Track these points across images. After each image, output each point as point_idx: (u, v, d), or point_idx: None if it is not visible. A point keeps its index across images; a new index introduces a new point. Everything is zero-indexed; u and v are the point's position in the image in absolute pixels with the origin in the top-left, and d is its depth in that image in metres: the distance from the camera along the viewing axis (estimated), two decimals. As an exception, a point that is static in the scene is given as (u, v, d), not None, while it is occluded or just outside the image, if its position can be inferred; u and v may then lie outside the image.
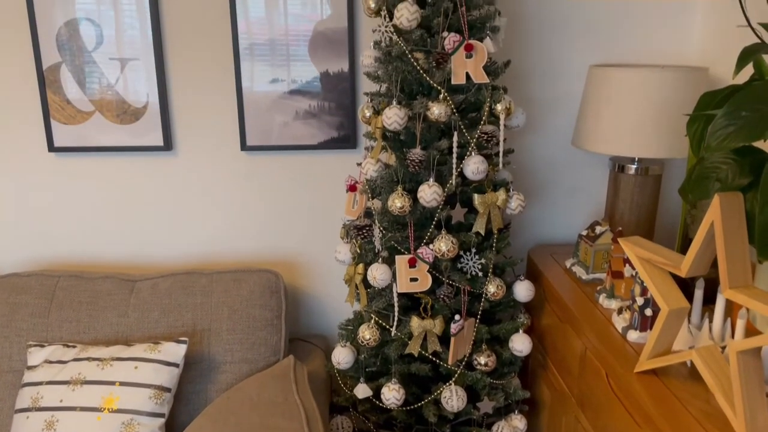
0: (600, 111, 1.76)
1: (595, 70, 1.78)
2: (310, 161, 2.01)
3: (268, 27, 1.88)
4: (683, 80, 1.66)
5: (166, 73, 1.90)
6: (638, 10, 1.92)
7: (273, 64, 1.91)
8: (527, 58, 1.95)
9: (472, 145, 1.58)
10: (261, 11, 1.86)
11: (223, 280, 1.83)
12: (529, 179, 2.06)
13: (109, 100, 1.89)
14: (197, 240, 2.05)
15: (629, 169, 1.80)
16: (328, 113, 1.96)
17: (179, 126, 1.95)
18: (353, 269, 1.71)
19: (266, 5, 1.86)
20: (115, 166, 1.97)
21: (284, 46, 1.90)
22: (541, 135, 2.02)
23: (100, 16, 1.83)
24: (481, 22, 1.56)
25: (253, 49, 1.89)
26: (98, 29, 1.84)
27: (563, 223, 2.11)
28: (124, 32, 1.84)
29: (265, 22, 1.87)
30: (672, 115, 1.67)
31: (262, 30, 1.88)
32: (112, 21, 1.83)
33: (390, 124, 1.55)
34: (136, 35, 1.85)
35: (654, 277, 1.25)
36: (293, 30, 1.89)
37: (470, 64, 1.53)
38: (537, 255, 1.97)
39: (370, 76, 1.69)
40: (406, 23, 1.50)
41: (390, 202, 1.58)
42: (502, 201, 1.63)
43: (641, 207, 1.83)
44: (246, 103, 1.93)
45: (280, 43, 1.89)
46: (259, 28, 1.88)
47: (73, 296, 1.80)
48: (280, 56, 1.90)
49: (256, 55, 1.90)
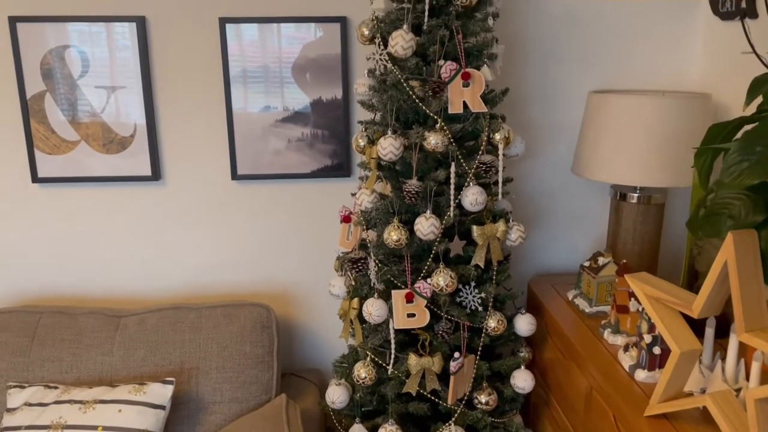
0: (600, 138, 1.71)
1: (595, 97, 1.74)
2: (303, 190, 1.96)
3: (260, 53, 1.83)
4: (686, 108, 1.62)
5: (154, 100, 1.85)
6: (637, 36, 1.89)
7: (265, 91, 1.86)
8: (525, 83, 1.91)
9: (471, 175, 1.53)
10: (252, 37, 1.82)
11: (212, 315, 1.76)
12: (528, 207, 2.01)
13: (95, 129, 1.84)
14: (186, 272, 1.98)
15: (631, 197, 1.75)
16: (321, 141, 1.91)
17: (167, 155, 1.89)
18: (348, 304, 1.65)
19: (257, 31, 1.81)
20: (101, 196, 1.91)
21: (276, 72, 1.85)
22: (540, 162, 1.97)
23: (86, 43, 1.78)
24: (478, 50, 1.51)
25: (245, 75, 1.84)
26: (84, 56, 1.79)
27: (563, 251, 2.05)
28: (111, 59, 1.79)
29: (257, 49, 1.83)
30: (675, 143, 1.63)
31: (253, 56, 1.83)
32: (99, 48, 1.78)
33: (385, 154, 1.50)
34: (123, 62, 1.80)
35: (663, 316, 1.19)
36: (285, 56, 1.84)
37: (467, 92, 1.48)
38: (537, 286, 1.91)
39: (365, 105, 1.64)
40: (401, 51, 1.45)
41: (386, 235, 1.52)
42: (501, 232, 1.57)
43: (644, 236, 1.78)
44: (237, 130, 1.88)
45: (272, 70, 1.84)
46: (250, 54, 1.83)
47: (55, 334, 1.72)
48: (272, 83, 1.85)
49: (248, 82, 1.85)
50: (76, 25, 1.76)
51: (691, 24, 1.87)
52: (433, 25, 1.47)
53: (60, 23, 1.76)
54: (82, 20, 1.76)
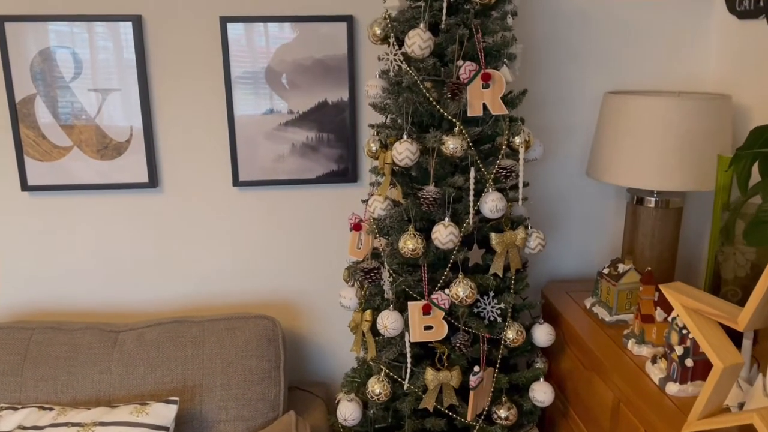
0: (617, 141, 1.66)
1: (611, 98, 1.68)
2: (308, 196, 1.88)
3: (262, 54, 1.75)
4: (706, 109, 1.57)
5: (151, 104, 1.76)
6: (651, 36, 1.84)
7: (268, 94, 1.78)
8: (539, 84, 1.85)
9: (490, 181, 1.46)
10: (254, 37, 1.74)
11: (215, 328, 1.67)
12: (541, 211, 1.95)
13: (88, 134, 1.74)
14: (186, 283, 1.89)
15: (648, 201, 1.70)
16: (327, 145, 1.83)
17: (165, 161, 1.80)
18: (360, 316, 1.57)
19: (259, 31, 1.73)
20: (96, 205, 1.81)
21: (280, 74, 1.77)
22: (554, 164, 1.92)
23: (78, 44, 1.68)
24: (497, 50, 1.45)
25: (246, 77, 1.76)
26: (76, 58, 1.69)
27: (577, 256, 2.00)
28: (104, 61, 1.70)
29: (259, 49, 1.74)
30: (695, 145, 1.58)
31: (255, 57, 1.75)
32: (92, 49, 1.69)
33: (401, 159, 1.42)
34: (118, 64, 1.70)
35: (703, 328, 1.14)
36: (289, 57, 1.76)
37: (487, 94, 1.41)
38: (552, 293, 1.85)
39: (377, 108, 1.57)
40: (419, 51, 1.38)
41: (401, 244, 1.45)
42: (521, 240, 1.51)
43: (662, 242, 1.73)
44: (238, 135, 1.79)
45: (276, 71, 1.76)
46: (252, 55, 1.75)
47: (49, 351, 1.63)
48: (275, 85, 1.77)
49: (250, 84, 1.76)
50: (68, 25, 1.67)
51: (706, 23, 1.83)
52: (452, 24, 1.40)
53: (51, 23, 1.66)
54: (75, 19, 1.66)
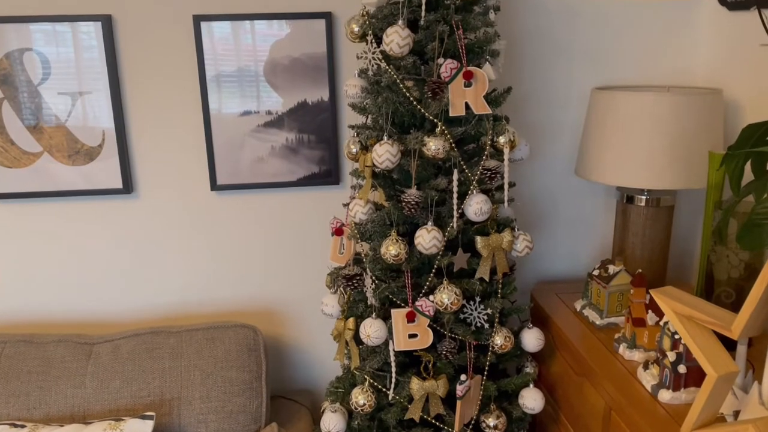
0: (605, 138, 1.61)
1: (598, 94, 1.63)
2: (289, 199, 1.82)
3: (239, 53, 1.69)
4: (697, 104, 1.52)
5: (123, 106, 1.69)
6: (639, 29, 1.79)
7: (244, 95, 1.72)
8: (524, 81, 1.80)
9: (474, 183, 1.41)
10: (229, 36, 1.67)
11: (194, 339, 1.62)
12: (528, 211, 1.90)
13: (59, 138, 1.68)
14: (164, 292, 1.83)
15: (639, 200, 1.66)
16: (308, 147, 1.77)
17: (140, 166, 1.74)
18: (342, 324, 1.52)
19: (235, 30, 1.67)
20: (68, 212, 1.75)
21: (256, 74, 1.71)
22: (541, 163, 1.87)
23: (47, 45, 1.62)
24: (480, 46, 1.39)
25: (222, 78, 1.70)
26: (45, 60, 1.63)
27: (566, 257, 1.95)
28: (74, 63, 1.63)
29: (235, 48, 1.68)
30: (685, 142, 1.53)
31: (231, 57, 1.69)
32: (61, 50, 1.62)
33: (382, 162, 1.37)
34: (88, 66, 1.64)
35: (696, 336, 1.09)
36: (266, 57, 1.70)
37: (470, 93, 1.36)
38: (541, 295, 1.80)
39: (356, 108, 1.51)
40: (397, 49, 1.33)
41: (383, 249, 1.40)
42: (507, 243, 1.46)
43: (653, 241, 1.68)
44: (215, 137, 1.73)
45: (252, 71, 1.70)
46: (227, 54, 1.69)
47: (21, 365, 1.57)
48: (252, 86, 1.71)
49: (225, 85, 1.70)
50: (36, 26, 1.60)
51: (695, 15, 1.78)
52: (431, 20, 1.34)
53: (17, 24, 1.59)
54: (42, 20, 1.60)
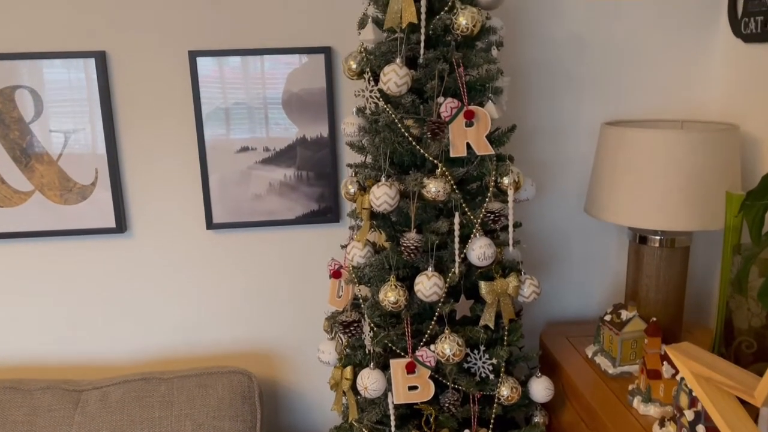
0: (616, 177, 1.54)
1: (609, 130, 1.56)
2: (287, 238, 1.76)
3: (235, 89, 1.64)
4: (712, 141, 1.45)
5: (117, 144, 1.65)
6: (651, 61, 1.72)
7: (242, 131, 1.67)
8: (531, 114, 1.74)
9: (477, 225, 1.34)
10: (226, 72, 1.63)
11: (185, 386, 1.55)
12: (537, 249, 1.83)
13: (51, 177, 1.63)
14: (157, 334, 1.77)
15: (653, 240, 1.58)
16: (307, 184, 1.72)
17: (134, 204, 1.69)
18: (339, 373, 1.45)
19: (231, 65, 1.63)
20: (59, 252, 1.70)
21: (254, 109, 1.66)
22: (549, 200, 1.79)
23: (39, 83, 1.58)
24: (482, 84, 1.33)
25: (219, 114, 1.65)
26: (37, 97, 1.59)
27: (576, 297, 1.87)
28: (67, 100, 1.60)
29: (232, 84, 1.64)
30: (701, 181, 1.45)
31: (228, 93, 1.64)
32: (54, 88, 1.59)
33: (379, 204, 1.31)
34: (82, 103, 1.60)
35: (716, 399, 1.00)
36: (264, 93, 1.65)
37: (471, 133, 1.30)
38: (550, 338, 1.72)
39: (354, 147, 1.46)
40: (395, 88, 1.27)
41: (382, 296, 1.33)
42: (513, 288, 1.38)
43: (668, 283, 1.59)
44: (211, 175, 1.68)
45: (250, 107, 1.66)
46: (224, 90, 1.64)
47: (6, 414, 1.51)
48: (249, 121, 1.67)
49: (222, 121, 1.66)
50: (29, 62, 1.57)
51: (710, 47, 1.71)
52: (431, 58, 1.28)
53: (10, 61, 1.56)
54: (35, 57, 1.56)
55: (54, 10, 1.55)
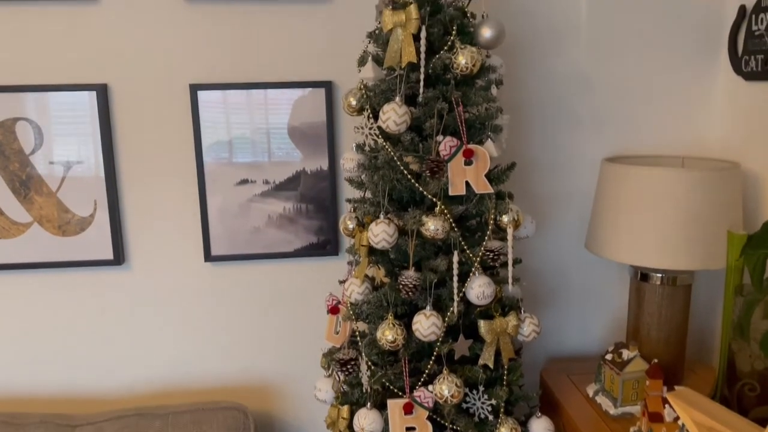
0: (617, 214, 1.53)
1: (609, 167, 1.56)
2: (286, 270, 1.75)
3: (236, 122, 1.65)
4: (713, 180, 1.44)
5: (116, 176, 1.65)
6: (651, 97, 1.72)
7: (242, 164, 1.67)
8: (530, 149, 1.73)
9: (476, 264, 1.33)
10: (227, 105, 1.63)
11: (180, 422, 1.53)
12: (537, 284, 1.81)
13: (49, 209, 1.63)
14: (153, 365, 1.75)
15: (654, 278, 1.56)
16: (306, 216, 1.71)
17: (132, 236, 1.68)
18: (336, 412, 1.42)
19: (232, 99, 1.63)
20: (56, 283, 1.69)
21: (255, 143, 1.66)
22: (550, 235, 1.78)
23: (39, 115, 1.59)
24: (481, 122, 1.33)
25: (219, 146, 1.65)
26: (37, 129, 1.59)
27: (577, 332, 1.85)
28: (68, 132, 1.60)
29: (232, 117, 1.64)
30: (702, 220, 1.44)
31: (228, 126, 1.65)
32: (54, 120, 1.59)
33: (378, 242, 1.30)
34: (82, 135, 1.60)
35: (719, 449, 0.98)
36: (265, 125, 1.66)
37: (470, 171, 1.29)
38: (551, 376, 1.70)
39: (353, 183, 1.45)
40: (394, 127, 1.27)
41: (379, 334, 1.31)
42: (513, 328, 1.36)
43: (670, 322, 1.58)
44: (210, 208, 1.68)
45: (250, 140, 1.66)
46: (225, 123, 1.64)
47: (-3, 449, 1.48)
48: (250, 154, 1.66)
49: (222, 154, 1.66)
50: (29, 95, 1.57)
51: (710, 84, 1.71)
52: (430, 97, 1.28)
53: (10, 93, 1.56)
54: (37, 89, 1.57)
55: (56, 43, 1.56)
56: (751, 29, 1.55)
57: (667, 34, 1.68)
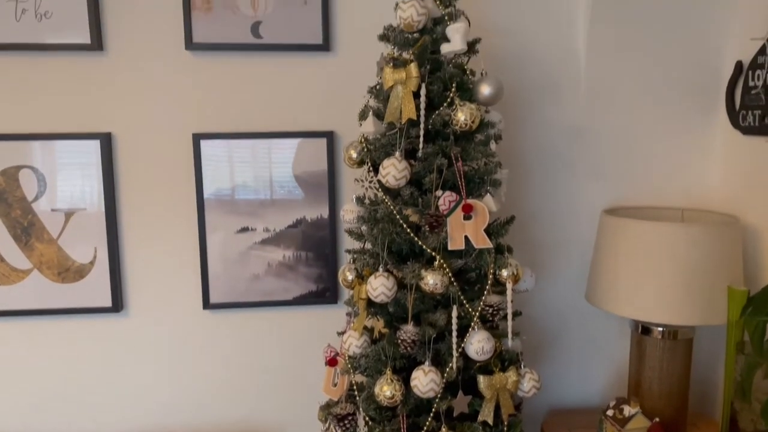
0: (617, 267, 1.52)
1: (608, 219, 1.56)
2: (284, 318, 1.74)
3: (239, 171, 1.66)
4: (713, 235, 1.44)
5: (118, 223, 1.65)
6: (652, 148, 1.74)
7: (242, 212, 1.68)
8: (530, 199, 1.74)
9: (475, 318, 1.32)
10: (231, 155, 1.65)
11: (175, 476, 1.50)
12: (537, 334, 1.80)
13: (50, 255, 1.63)
14: (151, 414, 1.73)
15: (655, 332, 1.55)
16: (306, 264, 1.71)
17: (132, 283, 1.68)
18: (333, 468, 1.40)
19: (236, 148, 1.65)
20: (55, 330, 1.68)
21: (256, 191, 1.67)
22: (549, 285, 1.78)
23: (43, 163, 1.60)
24: (480, 177, 1.34)
25: (220, 194, 1.66)
26: (41, 177, 1.61)
27: (580, 384, 1.83)
28: (70, 180, 1.61)
29: (235, 166, 1.66)
30: (702, 274, 1.44)
31: (230, 174, 1.66)
32: (58, 168, 1.60)
33: (376, 296, 1.30)
34: (85, 183, 1.62)
35: None
36: (265, 174, 1.67)
37: (469, 226, 1.29)
38: (552, 430, 1.67)
39: (353, 234, 1.45)
40: (394, 182, 1.28)
41: (377, 390, 1.30)
42: (512, 383, 1.35)
43: (671, 376, 1.56)
44: (210, 255, 1.68)
45: (252, 188, 1.67)
46: (227, 172, 1.66)
47: (-13, 502, 1.45)
48: (251, 202, 1.67)
49: (223, 202, 1.67)
50: (33, 143, 1.59)
51: (708, 137, 1.73)
52: (430, 153, 1.30)
53: (13, 141, 1.58)
54: (42, 138, 1.59)
55: (61, 91, 1.59)
56: (748, 84, 1.57)
57: (666, 86, 1.70)
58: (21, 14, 1.53)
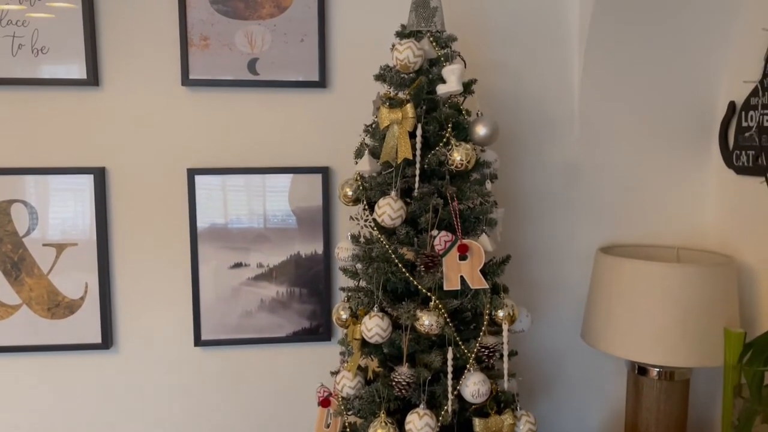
0: (612, 307, 1.52)
1: (604, 259, 1.56)
2: (278, 356, 1.72)
3: (232, 207, 1.65)
4: (709, 275, 1.44)
5: (110, 258, 1.64)
6: (646, 187, 1.74)
7: (236, 247, 1.66)
8: (525, 238, 1.74)
9: (471, 360, 1.30)
10: (224, 190, 1.64)
11: None
12: (532, 372, 1.78)
13: (39, 291, 1.61)
14: (137, 454, 1.69)
15: (652, 372, 1.54)
16: (299, 301, 1.69)
17: (122, 319, 1.65)
18: None
19: (232, 184, 1.64)
20: (43, 367, 1.64)
21: (250, 226, 1.66)
22: (545, 323, 1.76)
23: (35, 197, 1.59)
24: (476, 216, 1.33)
25: (214, 229, 1.65)
26: (33, 211, 1.59)
27: (574, 422, 1.80)
28: (63, 214, 1.60)
29: (228, 202, 1.65)
30: (697, 315, 1.43)
31: (224, 210, 1.65)
32: (50, 202, 1.59)
33: (371, 336, 1.28)
34: (77, 217, 1.60)
35: None
36: (260, 209, 1.66)
37: (465, 266, 1.28)
38: (548, 472, 1.64)
39: (347, 272, 1.44)
40: (389, 221, 1.27)
41: (371, 432, 1.27)
42: (508, 427, 1.33)
43: (669, 417, 1.54)
44: (202, 291, 1.66)
45: (245, 224, 1.66)
46: (221, 207, 1.65)
47: None
48: (244, 238, 1.66)
49: (217, 237, 1.65)
50: (25, 178, 1.58)
51: (702, 176, 1.74)
52: (425, 192, 1.29)
53: (5, 176, 1.57)
54: (32, 173, 1.58)
55: (56, 126, 1.58)
56: (741, 125, 1.59)
57: (661, 125, 1.71)
58: (18, 49, 1.54)
